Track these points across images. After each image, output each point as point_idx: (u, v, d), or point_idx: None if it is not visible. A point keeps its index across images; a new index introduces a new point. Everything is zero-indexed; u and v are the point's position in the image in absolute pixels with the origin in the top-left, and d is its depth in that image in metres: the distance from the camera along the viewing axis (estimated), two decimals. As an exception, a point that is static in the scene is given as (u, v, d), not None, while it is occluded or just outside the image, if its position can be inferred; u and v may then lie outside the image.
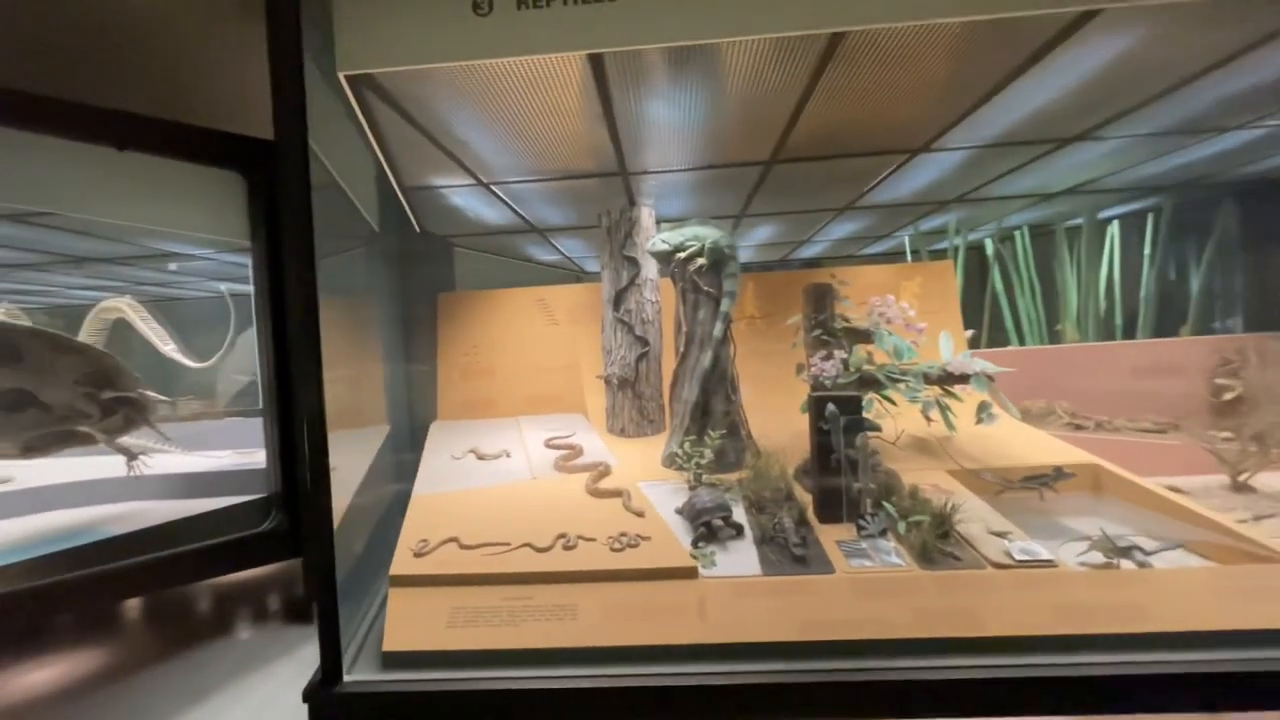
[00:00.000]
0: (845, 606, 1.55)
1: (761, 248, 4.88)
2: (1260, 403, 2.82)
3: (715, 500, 1.91)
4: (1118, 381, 3.44)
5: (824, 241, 4.73)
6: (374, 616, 1.80)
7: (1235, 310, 3.86)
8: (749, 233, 4.14)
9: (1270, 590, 1.49)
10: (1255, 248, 3.64)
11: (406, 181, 2.61)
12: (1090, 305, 3.89)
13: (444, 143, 2.16)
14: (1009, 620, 1.47)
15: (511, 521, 2.02)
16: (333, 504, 2.33)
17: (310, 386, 1.43)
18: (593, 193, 2.92)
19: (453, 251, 4.00)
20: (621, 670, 1.45)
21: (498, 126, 2.06)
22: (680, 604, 1.59)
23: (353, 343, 3.13)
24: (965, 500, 2.04)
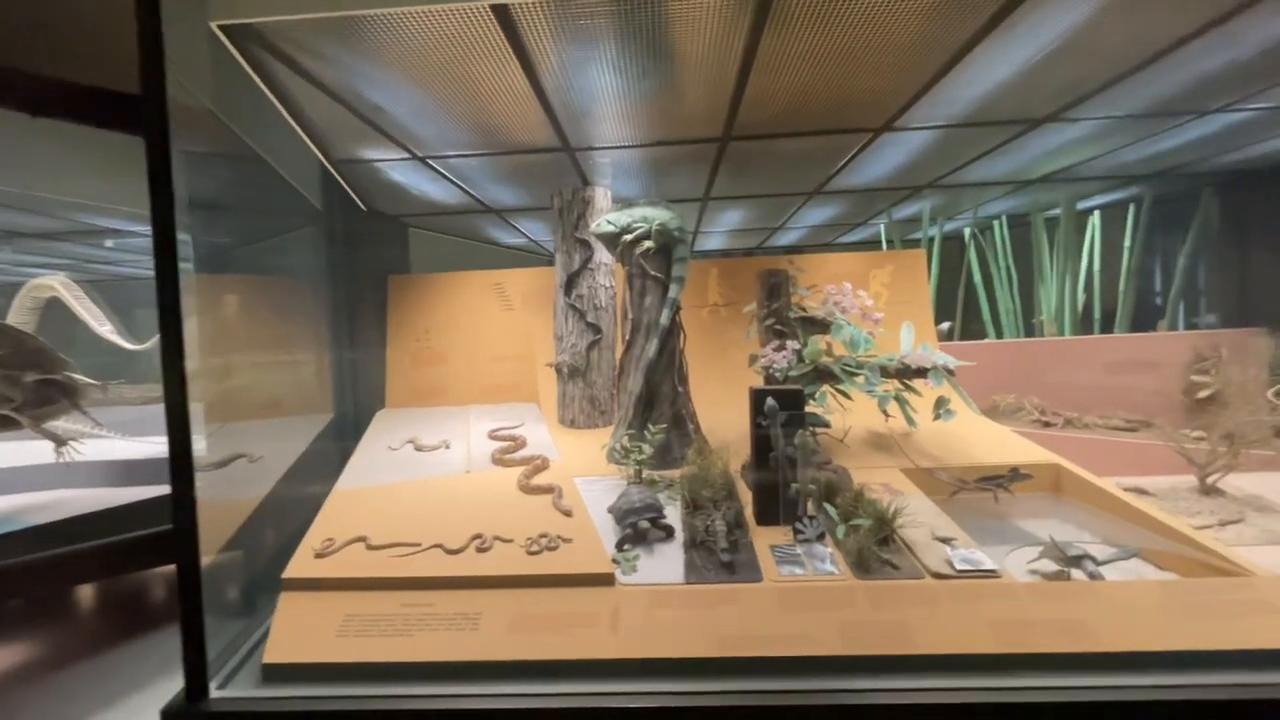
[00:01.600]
0: (770, 619, 1.43)
1: (734, 234, 4.73)
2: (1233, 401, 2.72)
3: (645, 500, 1.78)
4: (1092, 377, 3.34)
5: (799, 228, 4.59)
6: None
7: (1214, 305, 3.75)
8: (718, 217, 3.99)
9: (1224, 607, 1.38)
10: (1235, 240, 3.53)
11: (335, 154, 2.44)
12: (1068, 298, 3.78)
13: (361, 110, 2.00)
14: (943, 637, 1.35)
15: (431, 519, 1.89)
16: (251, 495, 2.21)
17: (172, 368, 1.28)
18: (544, 171, 2.76)
19: (407, 232, 3.83)
20: (518, 689, 1.33)
21: (418, 93, 1.90)
22: (592, 614, 1.46)
23: (291, 325, 2.97)
24: (913, 502, 1.92)
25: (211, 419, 2.55)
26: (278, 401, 2.80)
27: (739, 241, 5.11)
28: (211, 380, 2.49)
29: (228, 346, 2.52)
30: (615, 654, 1.36)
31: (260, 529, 2.02)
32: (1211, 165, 3.13)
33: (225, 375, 2.56)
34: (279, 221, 2.82)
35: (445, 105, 1.98)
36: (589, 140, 2.35)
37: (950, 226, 4.46)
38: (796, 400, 1.81)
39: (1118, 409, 3.19)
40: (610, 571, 1.56)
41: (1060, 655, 1.31)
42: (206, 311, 2.46)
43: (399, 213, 3.44)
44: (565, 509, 1.90)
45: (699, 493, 1.90)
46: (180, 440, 1.29)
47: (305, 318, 3.07)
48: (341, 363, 3.24)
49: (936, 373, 2.24)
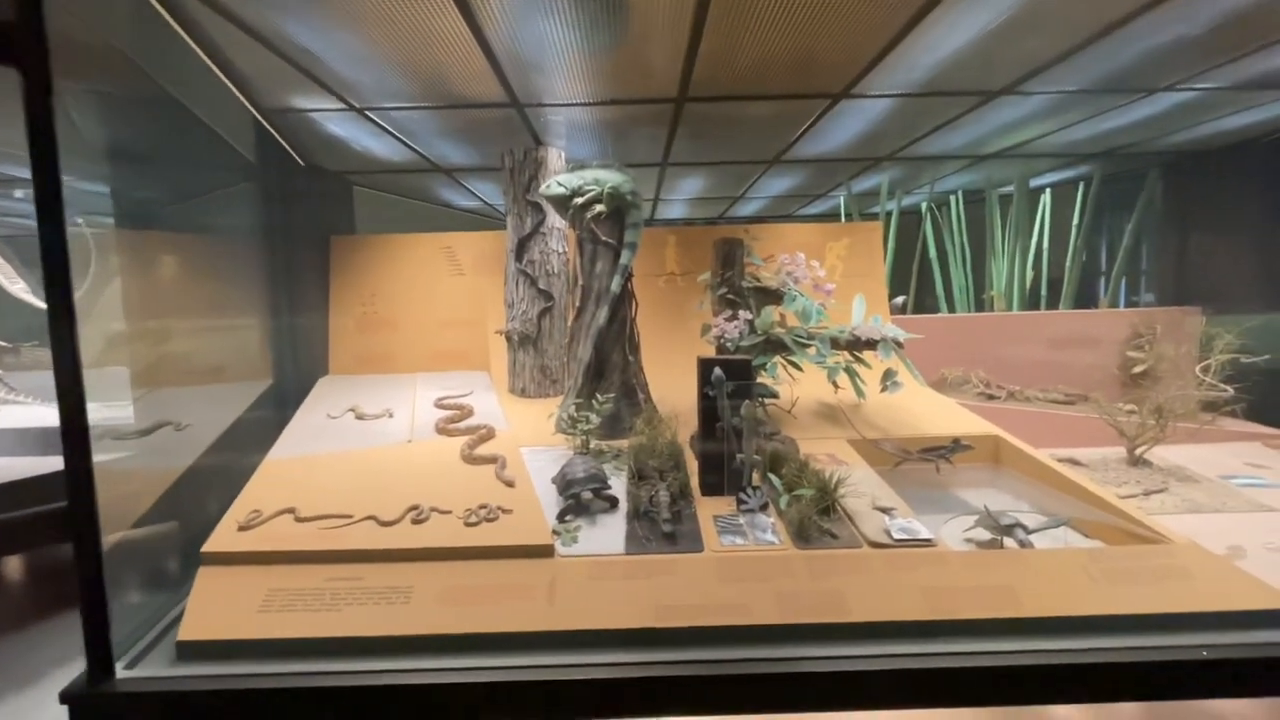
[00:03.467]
0: (709, 589, 1.42)
1: (695, 202, 4.66)
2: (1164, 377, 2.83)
3: (588, 470, 1.74)
4: (1036, 352, 3.43)
5: (760, 199, 4.55)
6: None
7: (1154, 284, 3.88)
8: (678, 184, 3.91)
9: (1143, 573, 1.43)
10: (1176, 221, 3.64)
11: (265, 103, 2.27)
12: (1017, 274, 3.85)
13: (288, 53, 1.85)
14: (878, 605, 1.37)
15: (367, 490, 1.82)
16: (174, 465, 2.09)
17: (60, 328, 1.17)
18: (495, 129, 2.64)
19: (351, 191, 3.65)
20: (450, 663, 1.29)
21: (351, 37, 1.76)
22: (529, 586, 1.43)
23: (224, 287, 2.80)
24: (857, 472, 1.94)
25: (138, 384, 2.41)
26: (211, 367, 2.66)
27: (701, 210, 5.05)
28: (138, 343, 2.35)
29: (155, 308, 2.37)
30: (551, 626, 1.34)
31: (183, 500, 1.92)
32: (1158, 146, 3.20)
33: (153, 338, 2.41)
34: (209, 176, 2.63)
35: (380, 51, 1.84)
36: (539, 96, 2.24)
37: (909, 201, 4.48)
38: (744, 371, 1.78)
39: (1058, 383, 3.29)
40: (549, 543, 1.52)
41: (988, 620, 1.34)
42: (131, 270, 2.29)
43: (342, 169, 3.26)
44: (508, 480, 1.85)
45: (645, 463, 1.87)
46: (73, 406, 1.19)
47: (240, 279, 2.90)
48: (280, 327, 3.08)
49: (885, 345, 2.25)
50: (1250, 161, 3.16)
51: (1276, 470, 2.38)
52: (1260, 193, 3.16)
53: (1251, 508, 2.00)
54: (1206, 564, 1.47)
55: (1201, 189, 3.46)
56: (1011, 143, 3.12)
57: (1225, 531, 1.81)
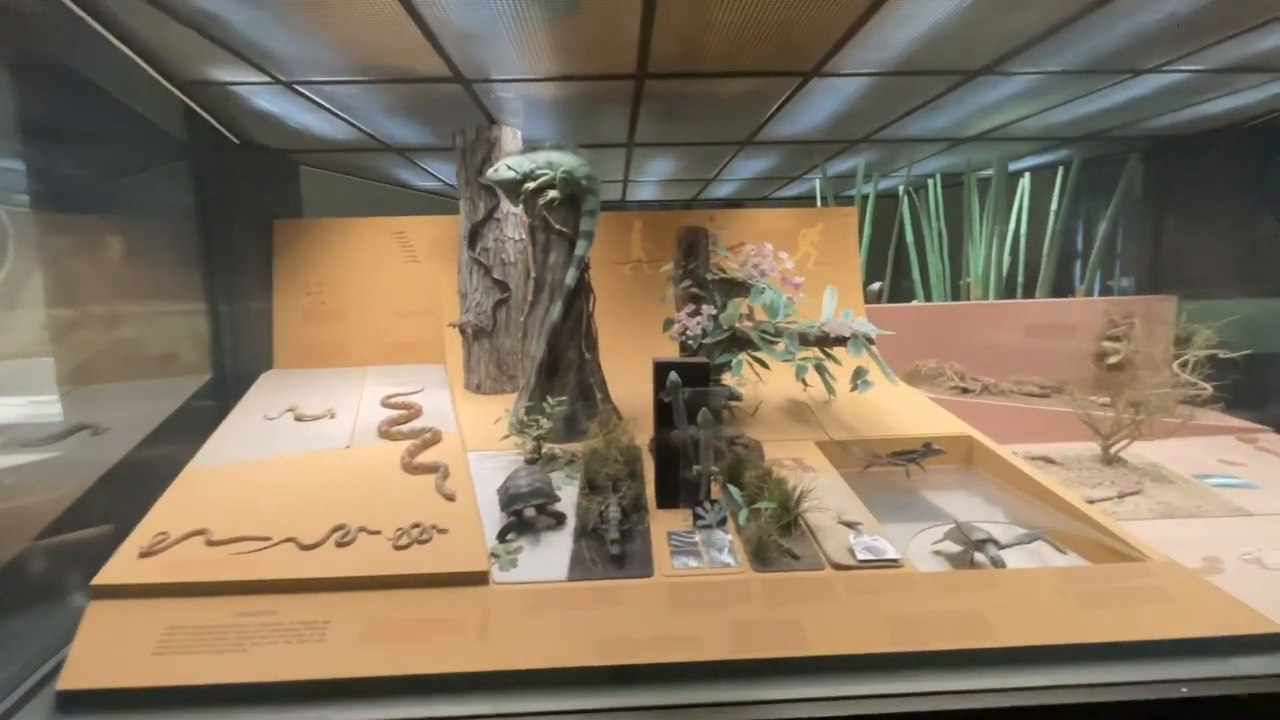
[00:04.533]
0: (657, 620, 1.30)
1: (667, 184, 4.49)
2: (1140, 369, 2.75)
3: (532, 484, 1.61)
4: (1011, 342, 3.34)
5: (734, 180, 4.39)
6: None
7: (1133, 271, 3.82)
8: (647, 165, 3.74)
9: (1119, 595, 1.34)
10: (1155, 207, 3.56)
11: (177, 74, 2.05)
12: (994, 260, 3.76)
13: (189, 16, 1.64)
14: (838, 636, 1.26)
15: (293, 505, 1.67)
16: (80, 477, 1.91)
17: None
18: (445, 106, 2.43)
19: (298, 172, 3.42)
20: (366, 712, 1.16)
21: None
22: (459, 619, 1.30)
23: (155, 275, 2.59)
24: (823, 480, 1.83)
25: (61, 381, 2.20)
26: (140, 361, 2.46)
27: (674, 193, 4.88)
28: (59, 335, 2.14)
29: (79, 296, 2.17)
30: (480, 666, 1.21)
31: (90, 516, 1.75)
32: (1140, 130, 3.10)
33: (76, 330, 2.21)
34: (129, 154, 2.40)
35: (299, 19, 1.64)
36: (484, 71, 2.05)
37: (887, 184, 4.35)
38: (702, 374, 1.65)
39: (1033, 374, 3.22)
40: (484, 569, 1.39)
41: (956, 652, 1.24)
42: (50, 256, 2.08)
43: (284, 147, 3.03)
44: (448, 492, 1.71)
45: (597, 473, 1.74)
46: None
47: (169, 265, 2.68)
48: (218, 318, 2.88)
49: (856, 342, 2.13)
50: (1232, 147, 3.08)
51: (1250, 467, 2.33)
52: (1241, 178, 3.08)
53: (1226, 511, 1.94)
54: (1185, 584, 1.38)
55: (1182, 174, 3.37)
56: (991, 125, 3.00)
57: (1201, 540, 1.74)
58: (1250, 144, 2.99)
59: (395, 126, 2.69)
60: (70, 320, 2.17)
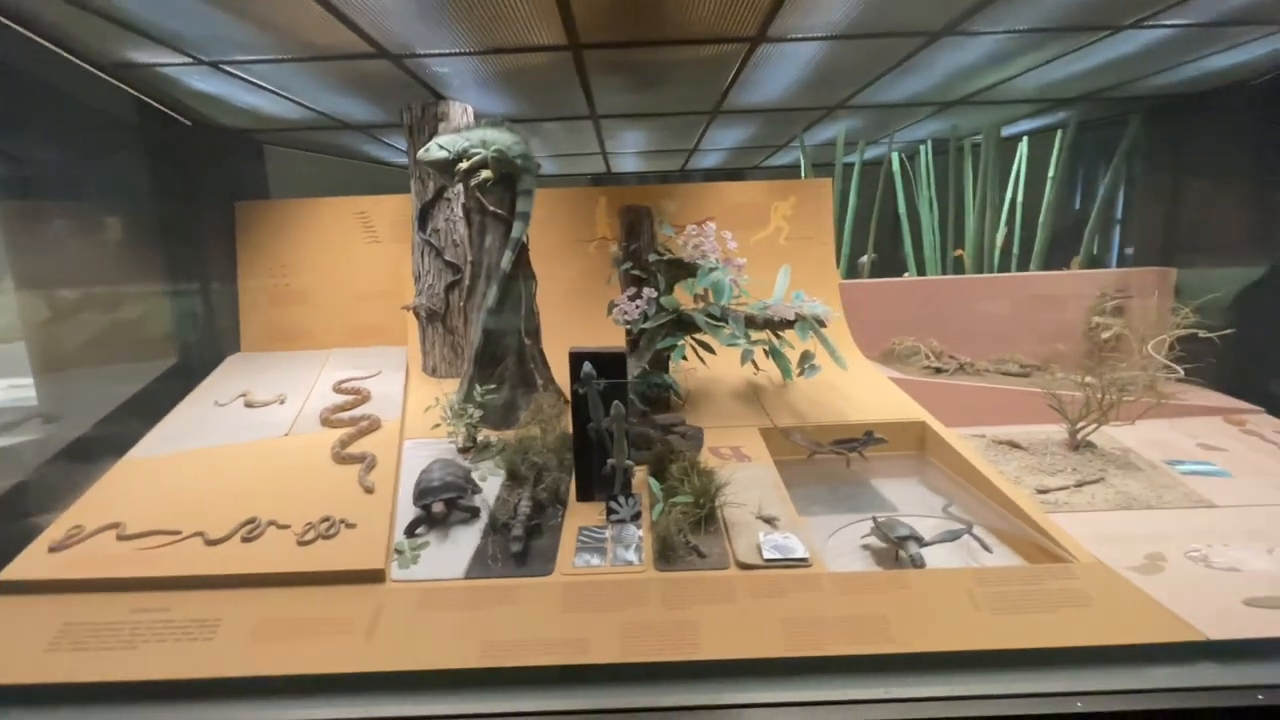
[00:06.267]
0: (548, 621, 1.27)
1: (650, 156, 4.35)
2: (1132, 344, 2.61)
3: (445, 477, 1.58)
4: (998, 317, 3.21)
5: (717, 150, 4.24)
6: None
7: (1133, 240, 3.62)
8: (621, 136, 3.61)
9: (1035, 599, 1.27)
10: (1160, 171, 3.34)
11: (97, 58, 2.00)
12: (987, 231, 3.58)
13: None
14: (731, 639, 1.22)
15: (213, 498, 1.67)
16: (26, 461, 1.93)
17: None
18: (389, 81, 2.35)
19: (262, 151, 3.37)
20: (248, 712, 1.16)
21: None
22: (349, 618, 1.29)
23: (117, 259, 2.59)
24: (755, 470, 1.78)
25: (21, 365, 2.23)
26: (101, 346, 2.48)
27: (659, 164, 4.73)
28: (17, 321, 2.15)
29: (35, 283, 2.18)
30: (365, 667, 1.20)
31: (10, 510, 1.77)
32: (1140, 90, 2.88)
33: (32, 317, 2.22)
34: (81, 142, 2.38)
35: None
36: (412, 45, 1.96)
37: (878, 152, 4.16)
38: (618, 365, 1.59)
39: (1019, 352, 3.09)
40: (379, 567, 1.38)
41: (852, 658, 1.19)
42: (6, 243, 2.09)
43: (241, 127, 2.98)
44: (368, 485, 1.70)
45: (517, 464, 1.71)
46: None
47: (133, 251, 2.68)
48: (182, 302, 2.89)
49: (804, 325, 2.04)
50: (1240, 106, 2.85)
51: (1228, 452, 2.20)
52: (1250, 140, 2.86)
53: (1187, 502, 1.84)
54: (1107, 587, 1.31)
55: (1186, 137, 3.15)
56: (975, 88, 2.82)
57: (1152, 534, 1.65)
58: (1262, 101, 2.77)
59: (345, 104, 2.62)
60: (27, 308, 2.19)
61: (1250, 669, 1.15)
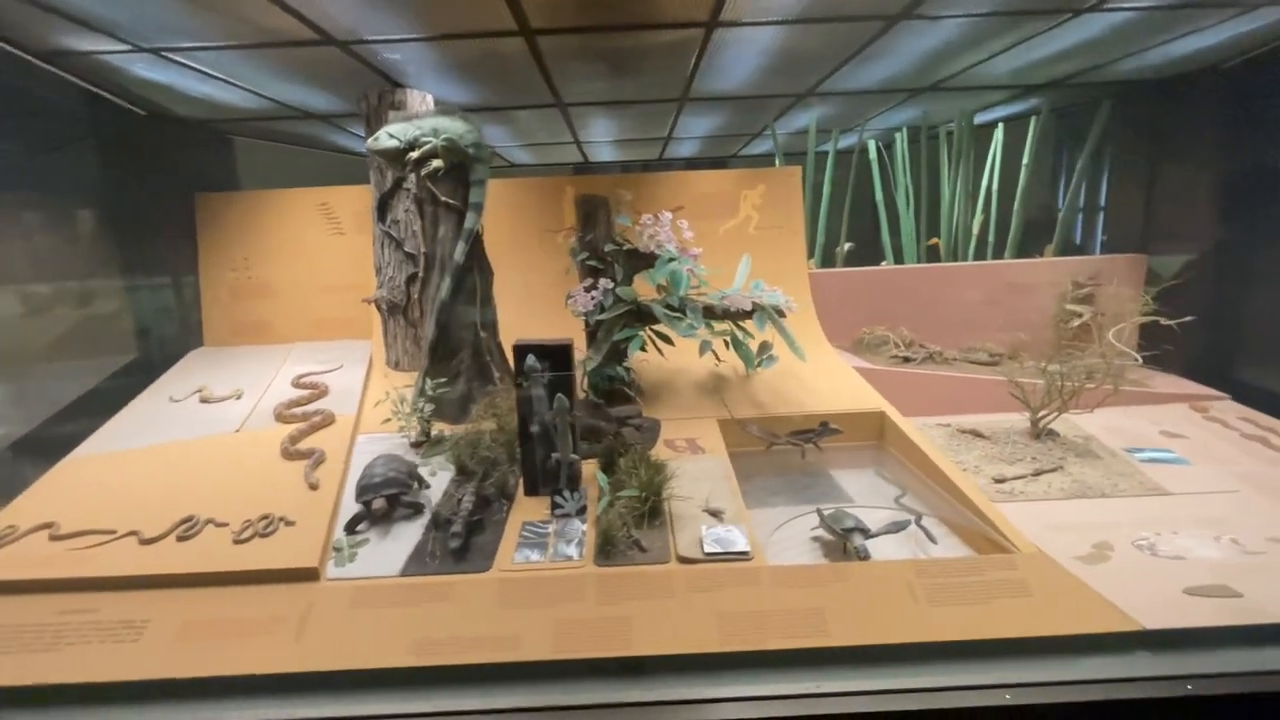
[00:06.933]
0: (482, 618, 1.26)
1: (626, 145, 4.30)
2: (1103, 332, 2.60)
3: (388, 474, 1.55)
4: (970, 306, 3.19)
5: (693, 138, 4.19)
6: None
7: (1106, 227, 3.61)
8: (591, 124, 3.56)
9: (973, 590, 1.26)
10: (1131, 157, 3.33)
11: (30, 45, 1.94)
12: (960, 219, 3.56)
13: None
14: (665, 635, 1.20)
15: (154, 496, 1.64)
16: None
17: None
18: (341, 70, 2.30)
19: (227, 142, 3.31)
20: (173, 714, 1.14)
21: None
22: (279, 618, 1.26)
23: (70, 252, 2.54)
24: (707, 463, 1.76)
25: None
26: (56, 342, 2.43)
27: (635, 153, 4.69)
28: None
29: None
30: (286, 668, 1.18)
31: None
32: (1110, 75, 2.86)
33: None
34: (32, 131, 2.32)
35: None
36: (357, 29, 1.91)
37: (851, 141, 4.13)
38: (564, 357, 1.56)
39: (988, 340, 3.08)
40: (313, 565, 1.35)
41: (787, 652, 1.18)
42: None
43: (196, 117, 2.92)
44: (313, 481, 1.67)
45: (465, 459, 1.68)
46: None
47: (89, 245, 2.63)
48: (142, 296, 2.84)
49: (761, 315, 2.02)
50: (1209, 91, 2.83)
51: (1191, 440, 2.20)
52: (1220, 126, 2.85)
53: (1143, 490, 1.84)
54: (1048, 577, 1.30)
55: (1158, 122, 3.13)
56: (945, 74, 2.78)
57: (1103, 523, 1.64)
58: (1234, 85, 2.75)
59: (300, 92, 2.56)
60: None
61: (1184, 658, 1.15)
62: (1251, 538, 1.52)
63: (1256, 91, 2.62)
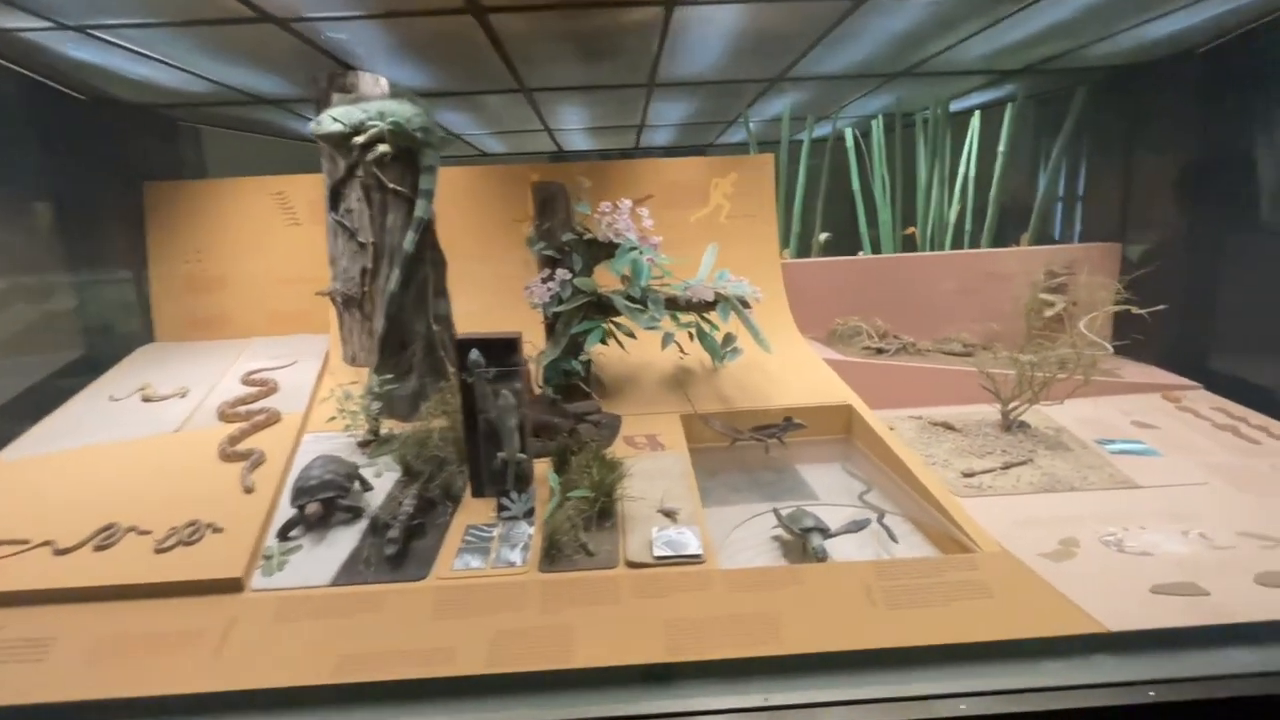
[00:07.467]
0: (415, 630, 1.18)
1: (598, 133, 4.20)
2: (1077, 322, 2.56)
3: (324, 476, 1.47)
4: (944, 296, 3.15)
5: (667, 126, 4.10)
6: None
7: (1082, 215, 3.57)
8: (559, 111, 3.46)
9: (933, 592, 1.21)
10: (1106, 145, 3.29)
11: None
12: (934, 208, 3.51)
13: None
14: (609, 646, 1.14)
15: (77, 502, 1.54)
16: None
17: None
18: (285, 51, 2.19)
19: (177, 128, 3.18)
20: (72, 738, 1.06)
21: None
22: (198, 633, 1.18)
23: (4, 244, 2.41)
24: (665, 460, 1.69)
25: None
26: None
27: (608, 141, 4.59)
28: None
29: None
30: (200, 687, 1.09)
31: None
32: (1084, 60, 2.81)
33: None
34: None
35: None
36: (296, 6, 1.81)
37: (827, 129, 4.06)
38: (510, 351, 1.49)
39: (963, 331, 3.04)
40: (236, 576, 1.27)
41: (736, 662, 1.12)
42: None
43: (139, 102, 2.79)
44: (249, 485, 1.58)
45: (410, 459, 1.60)
46: None
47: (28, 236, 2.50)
48: (86, 290, 2.71)
49: (724, 306, 1.95)
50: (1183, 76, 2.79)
51: (1162, 430, 2.17)
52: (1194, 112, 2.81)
53: (1112, 483, 1.80)
54: (1011, 578, 1.25)
55: (1133, 109, 3.09)
56: (917, 58, 2.72)
57: (1071, 518, 1.60)
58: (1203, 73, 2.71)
59: (246, 75, 2.44)
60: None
61: (1147, 662, 1.10)
62: (1220, 532, 1.48)
63: (1230, 77, 2.58)
